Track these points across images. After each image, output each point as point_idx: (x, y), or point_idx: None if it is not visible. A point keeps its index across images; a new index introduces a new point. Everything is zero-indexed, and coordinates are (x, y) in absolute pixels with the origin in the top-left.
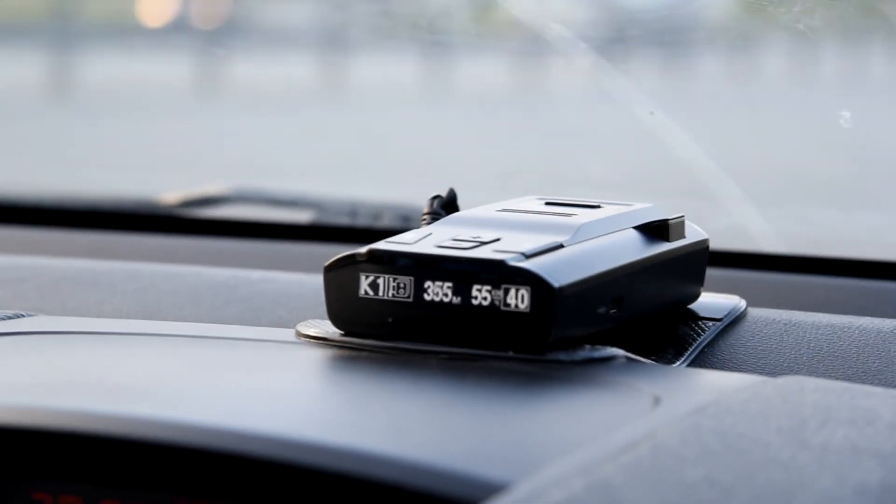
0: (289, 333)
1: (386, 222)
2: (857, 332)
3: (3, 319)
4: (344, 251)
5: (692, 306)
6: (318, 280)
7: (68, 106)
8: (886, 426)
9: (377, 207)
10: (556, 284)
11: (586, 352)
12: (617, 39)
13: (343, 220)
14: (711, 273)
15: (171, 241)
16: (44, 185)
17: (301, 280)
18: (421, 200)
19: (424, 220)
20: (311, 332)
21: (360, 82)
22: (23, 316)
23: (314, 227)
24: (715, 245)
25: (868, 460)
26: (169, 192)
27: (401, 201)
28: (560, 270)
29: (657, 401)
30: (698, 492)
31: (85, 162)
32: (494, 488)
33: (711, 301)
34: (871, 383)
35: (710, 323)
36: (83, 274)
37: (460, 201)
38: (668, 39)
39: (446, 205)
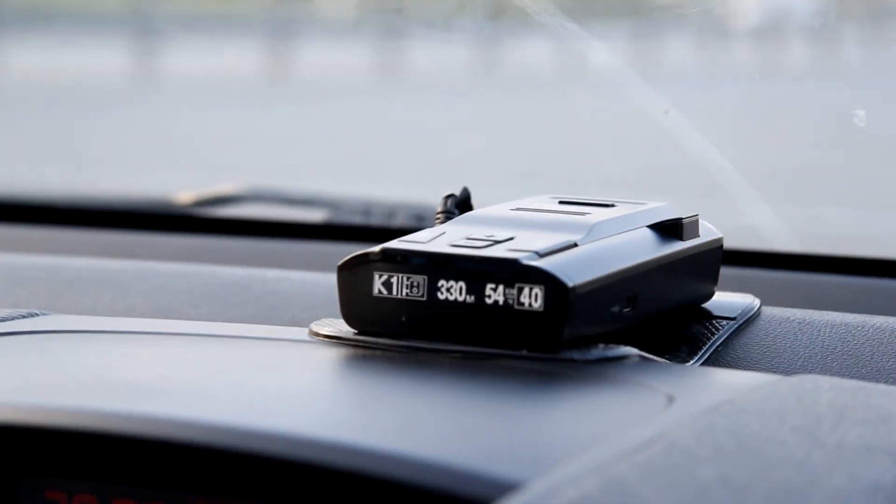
0: (303, 332)
1: (400, 221)
2: (871, 330)
3: (17, 319)
4: (358, 250)
5: (706, 305)
6: (332, 279)
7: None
8: None
9: (391, 206)
10: (570, 283)
11: (600, 351)
12: (637, 37)
13: (357, 219)
14: (726, 272)
15: (186, 241)
16: (58, 184)
17: (315, 279)
18: (435, 199)
19: (438, 219)
20: (325, 331)
21: (390, 75)
22: (37, 315)
23: (328, 226)
24: (729, 244)
25: (882, 459)
26: (183, 191)
27: (415, 200)
28: (574, 269)
29: (671, 399)
30: (712, 491)
31: (99, 158)
32: (508, 487)
33: (725, 300)
34: (886, 382)
35: (724, 322)
36: (97, 273)
37: (475, 200)
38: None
39: (460, 204)
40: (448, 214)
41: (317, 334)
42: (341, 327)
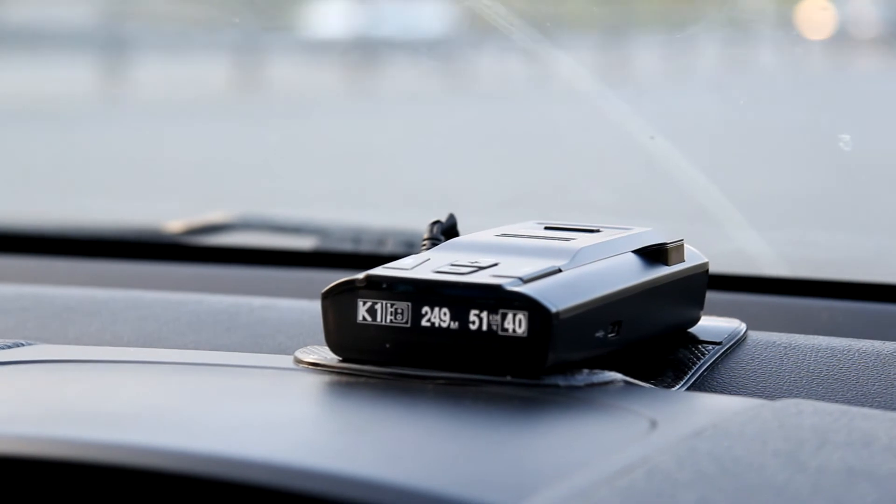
0: (287, 360)
1: (389, 248)
2: (856, 354)
3: (2, 349)
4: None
5: (692, 330)
6: (319, 306)
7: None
8: (883, 449)
9: (381, 233)
10: (554, 309)
11: (584, 376)
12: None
13: (346, 247)
14: (713, 297)
15: (176, 269)
16: (46, 214)
17: (302, 306)
18: (425, 226)
19: (424, 245)
20: (310, 359)
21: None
22: (22, 345)
23: (317, 253)
24: (717, 269)
25: (863, 483)
26: (173, 219)
27: (404, 227)
28: (557, 295)
29: (654, 424)
30: None
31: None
32: None
33: (712, 324)
34: (871, 406)
35: (710, 346)
36: (85, 303)
37: (463, 226)
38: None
39: (446, 230)
40: (434, 241)
41: (301, 362)
42: (326, 355)
